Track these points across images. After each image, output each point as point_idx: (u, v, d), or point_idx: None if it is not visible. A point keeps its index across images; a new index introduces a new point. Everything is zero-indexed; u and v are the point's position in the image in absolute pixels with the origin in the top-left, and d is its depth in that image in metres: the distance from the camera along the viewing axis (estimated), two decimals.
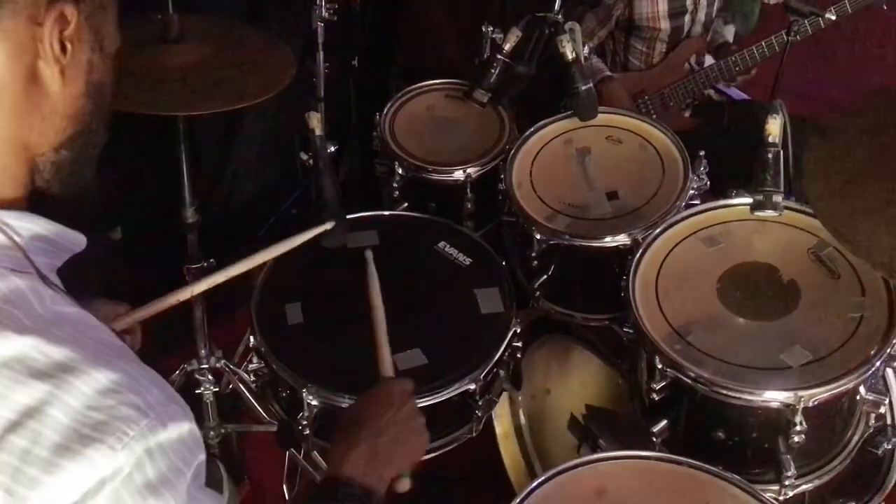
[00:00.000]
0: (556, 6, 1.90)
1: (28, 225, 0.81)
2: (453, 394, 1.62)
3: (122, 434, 0.73)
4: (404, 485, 1.18)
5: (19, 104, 0.80)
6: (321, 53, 2.21)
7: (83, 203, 0.90)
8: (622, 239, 1.77)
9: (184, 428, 0.78)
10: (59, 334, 0.76)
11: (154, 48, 1.69)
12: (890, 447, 1.68)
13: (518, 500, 1.36)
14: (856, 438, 1.59)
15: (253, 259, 1.51)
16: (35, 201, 0.84)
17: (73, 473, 0.71)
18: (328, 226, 1.60)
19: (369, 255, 1.54)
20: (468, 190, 2.00)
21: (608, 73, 2.51)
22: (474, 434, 1.71)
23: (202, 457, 0.81)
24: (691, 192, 1.85)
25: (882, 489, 1.75)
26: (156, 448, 0.75)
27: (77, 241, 0.87)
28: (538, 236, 1.81)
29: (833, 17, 2.29)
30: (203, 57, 1.72)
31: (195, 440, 0.80)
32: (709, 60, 2.58)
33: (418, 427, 1.19)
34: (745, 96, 2.82)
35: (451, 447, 1.69)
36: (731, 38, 2.76)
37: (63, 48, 0.81)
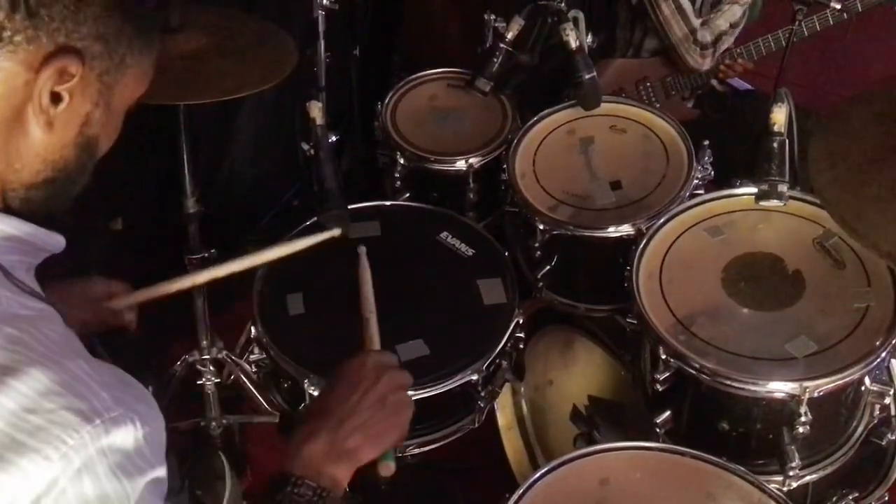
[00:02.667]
0: None
1: None
2: (455, 384, 1.62)
3: (59, 443, 0.68)
4: (387, 469, 1.08)
5: None
6: (322, 42, 2.20)
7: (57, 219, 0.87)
8: (626, 229, 1.76)
9: (129, 438, 0.72)
10: (10, 332, 0.72)
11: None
12: (894, 438, 1.67)
13: (521, 491, 1.35)
14: (860, 429, 1.59)
15: (257, 257, 1.50)
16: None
17: (4, 485, 0.67)
18: (336, 232, 1.58)
19: (363, 251, 1.54)
20: (470, 180, 1.99)
21: None
22: (477, 425, 1.71)
23: (158, 473, 0.75)
24: (695, 181, 1.84)
25: (885, 480, 1.75)
26: (97, 458, 0.70)
27: (54, 242, 0.84)
28: (541, 226, 1.80)
29: (838, 7, 2.28)
30: (204, 46, 1.70)
31: (146, 450, 0.74)
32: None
33: (395, 406, 1.07)
34: (748, 86, 2.80)
35: (453, 438, 1.69)
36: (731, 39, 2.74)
37: (56, 99, 0.77)
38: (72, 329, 0.80)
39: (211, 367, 2.10)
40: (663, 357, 1.51)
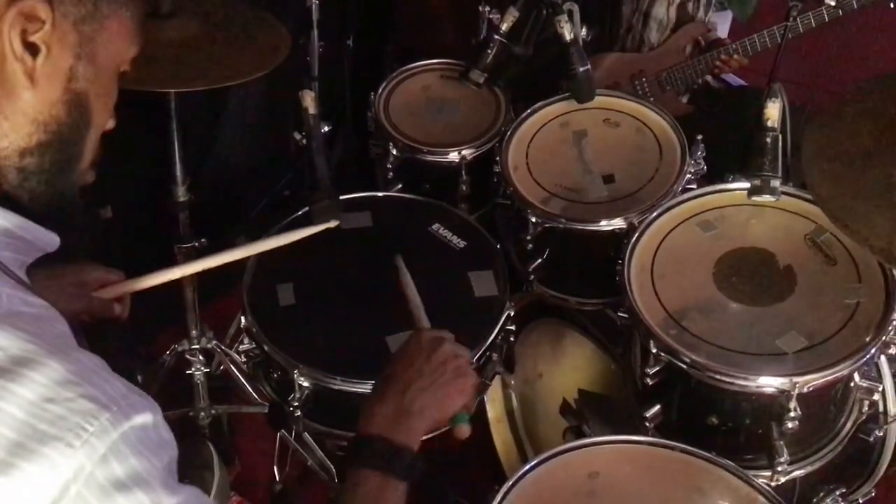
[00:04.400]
0: None
1: None
2: None
3: (80, 430, 0.69)
4: (461, 431, 1.16)
5: None
6: (315, 32, 2.19)
7: (64, 214, 0.85)
8: (618, 223, 1.76)
9: (148, 420, 0.74)
10: (16, 326, 0.72)
11: (146, 23, 1.66)
12: (881, 434, 1.68)
13: (510, 484, 1.35)
14: (848, 425, 1.59)
15: (249, 247, 1.50)
16: (8, 202, 0.80)
17: (32, 475, 0.68)
18: (331, 224, 1.57)
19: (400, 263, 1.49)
20: (463, 172, 1.99)
21: None
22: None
23: (173, 453, 0.78)
24: (688, 176, 1.84)
25: (872, 476, 1.76)
26: (121, 441, 0.71)
27: (50, 241, 0.84)
28: (533, 219, 1.80)
29: (832, 3, 2.28)
30: (196, 33, 1.69)
31: (164, 433, 0.77)
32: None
33: (455, 371, 1.14)
34: (742, 82, 2.81)
35: (442, 430, 1.68)
36: (727, 25, 2.74)
37: (34, 49, 0.76)
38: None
39: (200, 357, 2.09)
40: (654, 351, 1.51)
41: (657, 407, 1.58)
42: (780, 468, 1.50)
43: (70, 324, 0.81)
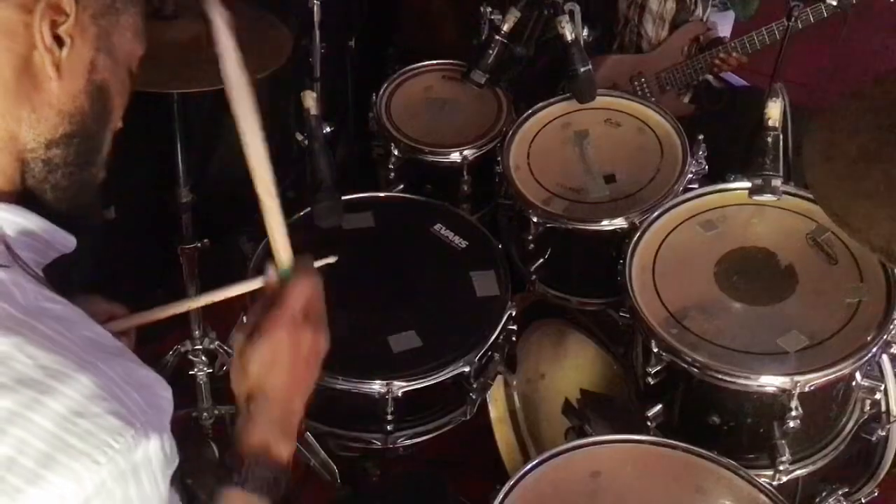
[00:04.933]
0: None
1: (16, 219, 0.79)
2: (447, 376, 1.62)
3: (107, 447, 0.71)
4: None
5: (9, 93, 0.78)
6: (318, 32, 2.19)
7: (84, 210, 0.87)
8: (619, 222, 1.76)
9: (164, 439, 0.76)
10: (44, 331, 0.74)
11: (148, 24, 1.67)
12: (884, 434, 1.68)
13: (512, 483, 1.36)
14: (850, 425, 1.59)
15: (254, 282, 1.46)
16: (29, 202, 0.82)
17: (58, 487, 0.70)
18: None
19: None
20: (465, 172, 1.99)
21: None
22: (468, 417, 1.71)
23: (175, 465, 0.80)
24: (689, 176, 1.84)
25: (875, 476, 1.76)
26: (141, 463, 0.73)
27: (67, 242, 0.85)
28: (535, 219, 1.80)
29: (834, 3, 2.28)
30: (198, 33, 1.70)
31: (172, 450, 0.78)
32: None
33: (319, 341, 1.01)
34: (744, 82, 2.80)
35: (445, 430, 1.69)
36: (729, 24, 2.74)
37: (60, 42, 0.78)
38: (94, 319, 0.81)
39: (203, 358, 2.09)
40: (655, 351, 1.51)
41: (659, 406, 1.58)
42: (781, 467, 1.50)
43: None
